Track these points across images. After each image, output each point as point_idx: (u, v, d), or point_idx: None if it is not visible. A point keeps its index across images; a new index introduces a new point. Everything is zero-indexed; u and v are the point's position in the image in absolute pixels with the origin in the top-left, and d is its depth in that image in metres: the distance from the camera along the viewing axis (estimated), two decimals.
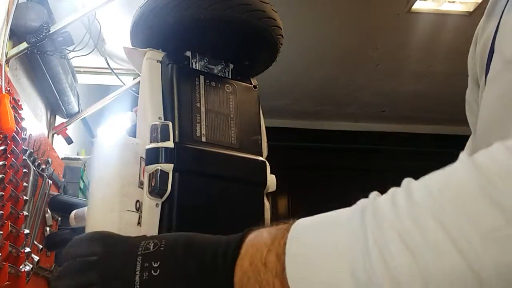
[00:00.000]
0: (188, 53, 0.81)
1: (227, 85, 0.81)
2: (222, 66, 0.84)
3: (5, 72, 1.25)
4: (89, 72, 2.13)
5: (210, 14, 0.76)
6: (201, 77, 0.79)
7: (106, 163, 0.65)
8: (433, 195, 0.38)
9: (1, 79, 1.22)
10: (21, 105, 1.33)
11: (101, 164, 0.65)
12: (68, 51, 1.68)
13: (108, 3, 1.50)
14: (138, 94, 0.77)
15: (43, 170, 1.49)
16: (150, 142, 0.70)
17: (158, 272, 0.49)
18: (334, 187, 3.93)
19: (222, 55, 0.84)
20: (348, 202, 0.71)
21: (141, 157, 0.68)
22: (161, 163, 0.68)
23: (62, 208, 1.55)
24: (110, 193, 0.63)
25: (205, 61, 0.82)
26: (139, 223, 0.65)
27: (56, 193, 1.59)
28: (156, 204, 0.67)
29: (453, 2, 2.67)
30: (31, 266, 1.26)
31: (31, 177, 1.36)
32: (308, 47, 3.03)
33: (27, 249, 1.25)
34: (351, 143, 3.87)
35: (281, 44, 0.85)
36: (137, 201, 0.65)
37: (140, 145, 0.69)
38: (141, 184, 0.66)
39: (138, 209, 0.65)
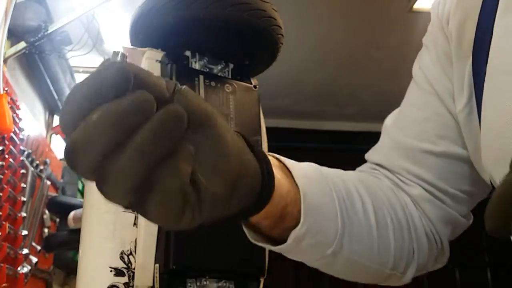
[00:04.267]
0: (188, 53, 0.80)
1: (227, 85, 0.80)
2: (222, 65, 0.83)
3: (3, 72, 1.24)
4: (87, 71, 2.12)
5: (210, 13, 0.75)
6: (201, 77, 0.78)
7: None
8: None
9: None
10: (19, 105, 1.32)
11: None
12: (67, 51, 1.67)
13: (106, 2, 1.49)
14: None
15: (41, 171, 1.48)
16: None
17: None
18: None
19: (222, 54, 0.83)
20: None
21: None
22: None
23: (61, 209, 1.55)
24: None
25: (205, 60, 0.81)
26: (135, 224, 0.64)
27: (54, 194, 1.58)
28: None
29: None
30: (29, 267, 1.25)
31: (29, 178, 1.35)
32: (308, 46, 3.02)
33: (25, 251, 1.25)
34: (352, 144, 3.86)
35: (282, 44, 0.84)
36: None
37: None
38: None
39: None
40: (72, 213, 1.46)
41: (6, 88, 1.24)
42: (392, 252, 0.59)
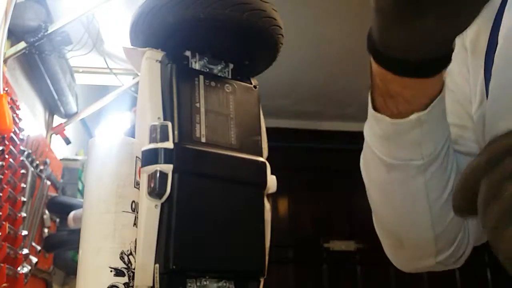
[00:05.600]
0: (188, 53, 0.80)
1: (227, 85, 0.80)
2: (222, 66, 0.83)
3: (3, 72, 1.24)
4: (87, 72, 2.12)
5: (210, 13, 0.75)
6: (201, 77, 0.78)
7: (101, 164, 0.64)
8: None
9: None
10: (19, 105, 1.32)
11: (97, 165, 0.64)
12: (67, 51, 1.68)
13: (106, 2, 1.49)
14: (137, 94, 0.77)
15: (41, 171, 1.48)
16: (149, 143, 0.69)
17: None
18: (335, 188, 3.92)
19: (222, 54, 0.83)
20: (349, 202, 0.69)
21: (137, 156, 0.67)
22: (160, 163, 0.67)
23: (61, 209, 1.55)
24: (106, 194, 0.62)
25: (205, 60, 0.81)
26: (135, 224, 0.64)
27: (54, 194, 1.58)
28: (155, 205, 0.66)
29: None
30: (29, 267, 1.25)
31: (29, 178, 1.35)
32: (309, 46, 3.02)
33: (25, 251, 1.25)
34: (352, 144, 3.86)
35: (282, 44, 0.84)
36: (133, 201, 0.64)
37: (136, 145, 0.68)
38: (137, 185, 0.65)
39: (134, 210, 0.64)
40: (72, 213, 1.46)
41: (6, 88, 1.24)
42: (446, 224, 0.62)
